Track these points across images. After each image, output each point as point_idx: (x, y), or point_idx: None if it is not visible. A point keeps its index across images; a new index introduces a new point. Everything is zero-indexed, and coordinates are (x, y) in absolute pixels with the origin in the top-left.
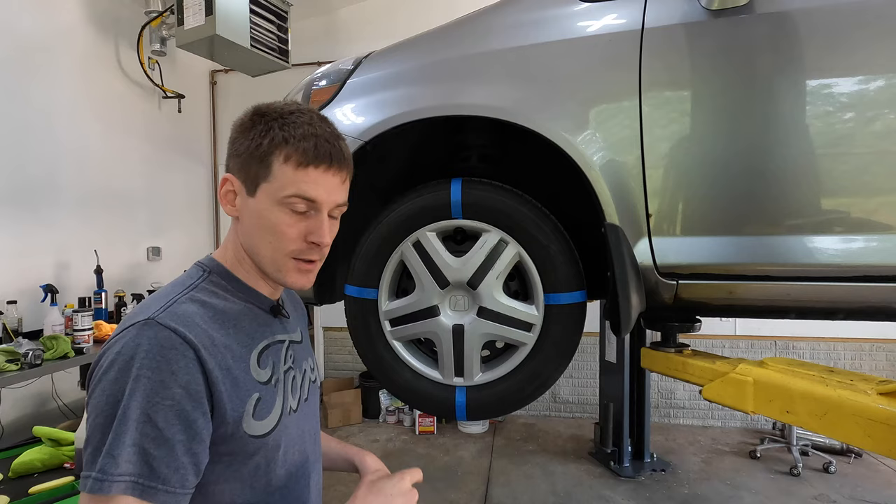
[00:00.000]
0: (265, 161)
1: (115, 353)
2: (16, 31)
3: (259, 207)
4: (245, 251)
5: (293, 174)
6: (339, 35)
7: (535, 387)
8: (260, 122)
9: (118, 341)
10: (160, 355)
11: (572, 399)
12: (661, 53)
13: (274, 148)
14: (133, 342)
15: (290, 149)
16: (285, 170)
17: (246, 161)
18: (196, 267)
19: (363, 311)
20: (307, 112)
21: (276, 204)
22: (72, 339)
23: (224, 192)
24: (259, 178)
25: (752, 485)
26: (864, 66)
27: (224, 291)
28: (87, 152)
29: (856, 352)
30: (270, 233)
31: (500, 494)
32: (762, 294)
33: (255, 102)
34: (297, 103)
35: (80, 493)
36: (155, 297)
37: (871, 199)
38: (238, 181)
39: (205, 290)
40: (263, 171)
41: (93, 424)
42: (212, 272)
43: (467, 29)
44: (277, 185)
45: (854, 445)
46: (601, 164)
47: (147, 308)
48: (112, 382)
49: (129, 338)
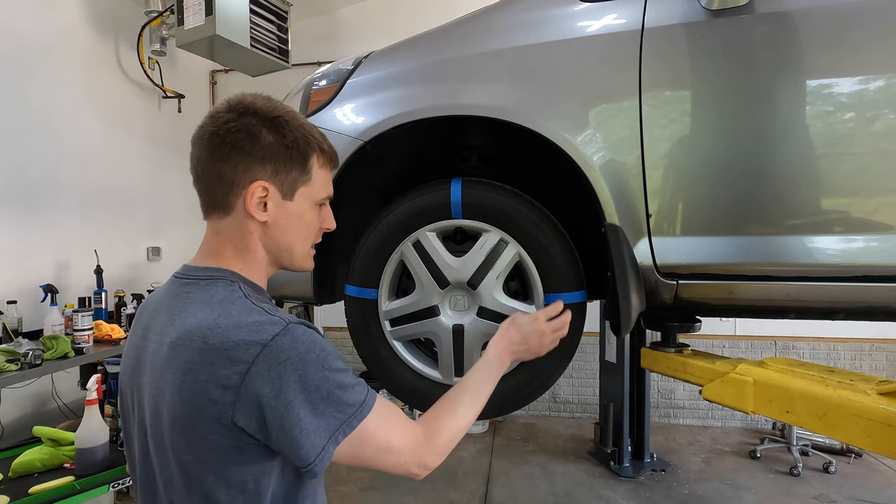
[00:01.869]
0: (305, 166)
1: (286, 360)
2: (16, 31)
3: (298, 209)
4: (264, 252)
5: (326, 177)
6: (339, 35)
7: (535, 387)
8: (287, 127)
9: (275, 352)
10: (317, 338)
11: (572, 399)
12: (661, 53)
13: (311, 152)
14: (295, 343)
15: (325, 155)
16: (321, 174)
17: (282, 166)
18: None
19: (363, 311)
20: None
21: (313, 204)
22: (72, 339)
23: (257, 200)
24: (298, 182)
25: (752, 485)
26: (864, 66)
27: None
28: (87, 152)
29: (856, 352)
30: (305, 229)
31: (500, 494)
32: (762, 294)
33: None
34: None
35: (335, 444)
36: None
37: (871, 199)
38: (273, 187)
39: (255, 298)
40: (304, 175)
41: (313, 412)
42: (237, 282)
43: (467, 29)
44: (316, 188)
45: (854, 445)
46: (601, 163)
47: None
48: (306, 377)
49: (287, 343)
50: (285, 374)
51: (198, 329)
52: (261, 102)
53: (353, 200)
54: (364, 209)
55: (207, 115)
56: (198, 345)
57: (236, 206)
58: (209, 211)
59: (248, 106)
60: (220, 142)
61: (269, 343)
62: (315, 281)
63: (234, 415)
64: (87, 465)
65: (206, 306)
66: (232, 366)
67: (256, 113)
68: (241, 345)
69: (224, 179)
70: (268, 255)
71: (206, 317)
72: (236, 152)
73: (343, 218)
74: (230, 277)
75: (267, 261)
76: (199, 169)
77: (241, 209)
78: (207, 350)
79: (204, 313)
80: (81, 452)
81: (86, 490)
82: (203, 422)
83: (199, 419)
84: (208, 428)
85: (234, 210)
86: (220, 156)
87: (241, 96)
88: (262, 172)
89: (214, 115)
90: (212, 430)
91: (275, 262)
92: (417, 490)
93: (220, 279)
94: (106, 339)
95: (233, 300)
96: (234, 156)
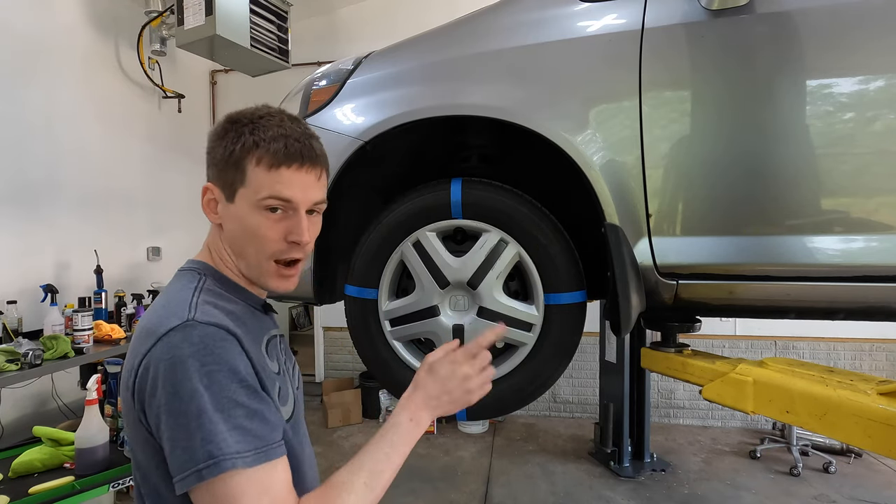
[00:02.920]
0: (239, 166)
1: (168, 358)
2: (16, 31)
3: (239, 213)
4: (231, 255)
5: (266, 176)
6: (339, 35)
7: (535, 387)
8: (232, 128)
9: (163, 348)
10: (216, 347)
11: (572, 399)
12: (661, 53)
13: (245, 152)
14: (183, 343)
15: (261, 151)
16: (258, 172)
17: (222, 168)
18: (190, 272)
19: (363, 311)
20: (277, 114)
21: (254, 208)
22: (72, 339)
23: (206, 202)
24: (236, 183)
25: (752, 485)
26: (864, 66)
27: (223, 292)
28: (87, 152)
29: (856, 352)
30: (252, 236)
31: (500, 494)
32: (762, 294)
33: (256, 102)
34: (267, 106)
35: (190, 488)
36: (166, 305)
37: (871, 199)
38: (217, 189)
39: (209, 292)
40: (239, 176)
41: (173, 426)
42: (207, 276)
43: (467, 29)
44: (253, 189)
45: (854, 445)
46: (601, 164)
47: (170, 315)
48: (178, 384)
49: (176, 341)
50: (163, 372)
51: (144, 316)
52: (246, 109)
53: (354, 200)
54: (364, 209)
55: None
56: (136, 334)
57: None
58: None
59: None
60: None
61: (162, 336)
62: (315, 281)
63: (135, 404)
64: (87, 465)
65: (163, 294)
66: (135, 356)
67: (228, 119)
68: (145, 335)
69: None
70: (234, 261)
71: (154, 304)
72: (207, 157)
73: (343, 218)
74: (200, 269)
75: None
76: None
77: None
78: (135, 337)
79: (157, 300)
80: (81, 452)
81: (86, 490)
82: (128, 408)
83: (127, 405)
84: (131, 415)
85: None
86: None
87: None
88: (210, 173)
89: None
90: (133, 417)
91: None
92: (418, 490)
93: (190, 270)
94: (106, 339)
95: (180, 290)
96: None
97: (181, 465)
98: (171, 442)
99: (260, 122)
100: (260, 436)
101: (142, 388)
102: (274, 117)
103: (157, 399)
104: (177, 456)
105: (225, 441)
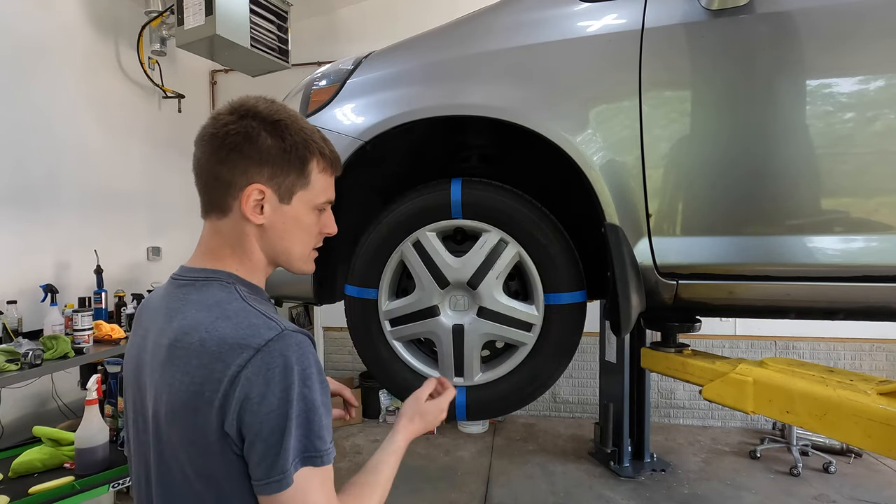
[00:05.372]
0: (303, 170)
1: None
2: (16, 31)
3: (296, 213)
4: (261, 253)
5: (326, 181)
6: (339, 35)
7: (535, 387)
8: (286, 131)
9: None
10: (310, 354)
11: (572, 399)
12: (661, 53)
13: (311, 157)
14: (287, 351)
15: (325, 160)
16: (321, 178)
17: (280, 170)
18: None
19: (363, 311)
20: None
21: (312, 209)
22: (72, 339)
23: (253, 203)
24: (296, 186)
25: (752, 485)
26: (864, 66)
27: (258, 298)
28: (87, 152)
29: (856, 352)
30: (304, 233)
31: (500, 494)
32: (762, 294)
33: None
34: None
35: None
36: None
37: (871, 199)
38: (271, 191)
39: (253, 300)
40: (302, 180)
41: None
42: (234, 283)
43: (467, 29)
44: (315, 193)
45: (854, 445)
46: (601, 164)
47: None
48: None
49: (279, 350)
50: (273, 381)
51: (194, 331)
52: (262, 105)
53: (353, 200)
54: (364, 209)
55: (210, 116)
56: (195, 347)
57: (234, 208)
58: (208, 211)
59: (249, 108)
60: (220, 144)
61: (262, 348)
62: (315, 281)
63: (224, 419)
64: (87, 465)
65: (203, 308)
66: (225, 368)
67: (257, 116)
68: (235, 348)
69: (222, 181)
70: (265, 258)
71: (202, 319)
72: (235, 154)
73: (343, 218)
74: (226, 279)
75: (264, 262)
76: (199, 170)
77: (238, 211)
78: (203, 352)
79: (201, 315)
80: (81, 452)
81: (86, 490)
82: (198, 423)
83: (195, 421)
84: (201, 430)
85: (232, 212)
86: (219, 157)
87: (244, 99)
88: (259, 175)
89: (216, 116)
90: (205, 433)
91: (272, 263)
92: (418, 490)
93: (216, 280)
94: (106, 339)
95: (229, 301)
96: (233, 158)
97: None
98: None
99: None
100: (330, 433)
101: (243, 398)
102: (303, 119)
103: (269, 405)
104: (290, 448)
105: (324, 437)
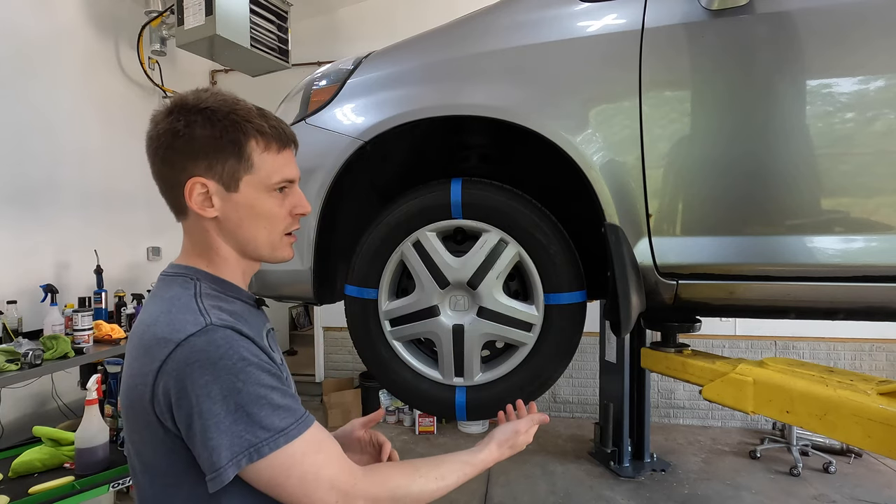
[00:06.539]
0: (242, 154)
1: (195, 361)
2: (16, 31)
3: (247, 200)
4: (228, 247)
5: (274, 160)
6: (339, 35)
7: (535, 387)
8: (214, 117)
9: (186, 352)
10: (239, 347)
11: (572, 399)
12: (661, 53)
13: (246, 138)
14: (208, 346)
15: (266, 137)
16: (267, 158)
17: (215, 159)
18: (180, 278)
19: (363, 311)
20: (241, 99)
21: (264, 191)
22: (72, 339)
23: (198, 198)
24: (238, 172)
25: (752, 485)
26: (864, 66)
27: (221, 294)
28: (87, 152)
29: (856, 352)
30: (265, 219)
31: (500, 494)
32: (762, 294)
33: (255, 103)
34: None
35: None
36: (170, 311)
37: (871, 199)
38: (213, 182)
39: (208, 296)
40: (243, 164)
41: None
42: (200, 280)
43: (467, 29)
44: (264, 175)
45: (854, 445)
46: (601, 164)
47: (181, 321)
48: (211, 384)
49: (200, 345)
50: (191, 376)
51: (142, 324)
52: (191, 97)
53: (353, 200)
54: (364, 209)
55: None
56: (138, 341)
57: (187, 207)
58: (174, 214)
59: (177, 103)
60: (157, 145)
61: (181, 342)
62: (315, 281)
63: (154, 409)
64: (87, 465)
65: (158, 302)
66: (151, 363)
67: (184, 108)
68: (161, 342)
69: (169, 182)
70: (234, 251)
71: (152, 312)
72: (170, 153)
73: (343, 218)
74: (191, 275)
75: (234, 255)
76: (153, 176)
77: (191, 209)
78: (141, 346)
79: (153, 308)
80: (81, 452)
81: (86, 490)
82: (140, 414)
83: (138, 411)
84: (144, 420)
85: (188, 210)
86: (160, 159)
87: (178, 95)
88: (196, 168)
89: (152, 118)
90: (147, 422)
91: (244, 255)
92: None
93: (181, 276)
94: (106, 339)
95: (179, 297)
96: (170, 156)
97: (229, 452)
98: (217, 436)
99: (238, 107)
100: (296, 409)
101: (166, 393)
102: (243, 101)
103: (188, 401)
104: (222, 446)
105: (272, 422)
